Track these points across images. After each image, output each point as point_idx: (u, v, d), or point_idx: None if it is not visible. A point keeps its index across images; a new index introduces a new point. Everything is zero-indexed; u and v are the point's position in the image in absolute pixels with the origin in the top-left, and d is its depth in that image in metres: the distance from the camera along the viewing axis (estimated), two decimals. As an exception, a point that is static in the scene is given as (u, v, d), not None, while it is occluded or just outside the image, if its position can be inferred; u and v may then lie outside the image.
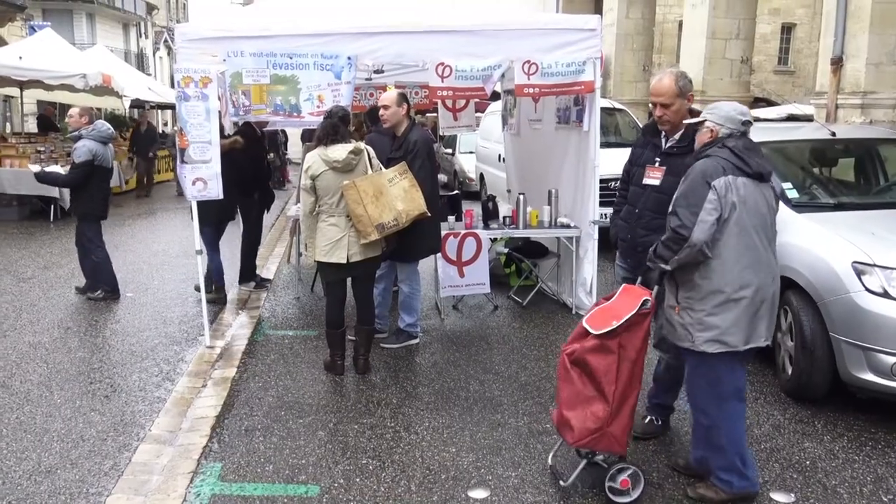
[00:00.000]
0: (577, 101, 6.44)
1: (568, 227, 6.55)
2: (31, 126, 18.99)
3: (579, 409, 3.42)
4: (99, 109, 17.42)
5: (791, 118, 8.53)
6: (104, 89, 12.97)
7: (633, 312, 3.35)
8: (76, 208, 7.20)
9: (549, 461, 3.82)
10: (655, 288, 3.49)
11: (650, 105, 4.03)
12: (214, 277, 6.91)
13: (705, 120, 3.47)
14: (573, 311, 6.62)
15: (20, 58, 12.52)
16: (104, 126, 7.09)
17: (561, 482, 3.66)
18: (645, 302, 3.38)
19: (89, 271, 7.19)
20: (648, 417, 4.24)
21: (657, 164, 3.98)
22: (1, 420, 4.39)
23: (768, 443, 4.17)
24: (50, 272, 8.10)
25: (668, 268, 3.37)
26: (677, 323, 3.46)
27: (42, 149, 12.30)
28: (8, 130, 19.93)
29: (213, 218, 6.45)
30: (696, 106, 4.07)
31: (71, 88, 12.63)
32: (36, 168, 7.56)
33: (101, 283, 7.13)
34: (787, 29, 27.28)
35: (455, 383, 5.04)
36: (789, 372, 4.73)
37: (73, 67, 12.24)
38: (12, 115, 21.74)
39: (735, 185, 3.26)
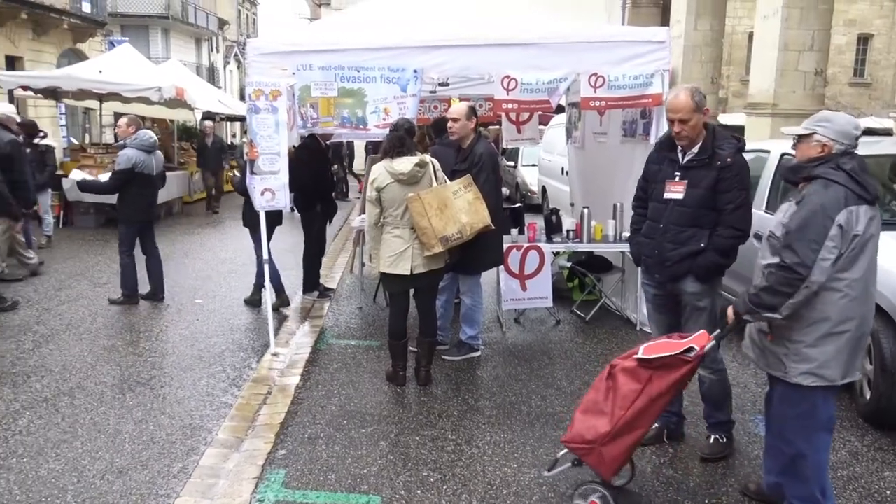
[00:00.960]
0: (643, 114, 6.35)
1: (633, 241, 6.44)
2: (109, 137, 19.75)
3: (588, 416, 3.39)
4: (172, 121, 17.97)
5: (869, 132, 8.21)
6: (177, 102, 13.39)
7: (671, 353, 3.26)
8: (119, 212, 7.46)
9: (558, 454, 3.72)
10: (713, 342, 3.33)
11: (667, 121, 4.03)
12: (260, 282, 7.05)
13: (813, 133, 3.21)
14: (637, 328, 6.50)
15: (100, 72, 13.06)
16: (146, 135, 7.27)
17: (544, 471, 3.73)
18: (690, 349, 3.26)
19: (155, 277, 7.49)
20: (713, 436, 4.17)
21: (677, 178, 3.95)
22: (77, 420, 4.55)
23: (845, 470, 4.00)
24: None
25: (779, 317, 3.13)
26: (769, 350, 3.30)
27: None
28: (87, 141, 20.80)
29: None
30: (768, 120, 4.00)
31: (146, 101, 13.08)
32: (79, 177, 7.75)
33: (122, 285, 7.34)
34: (864, 40, 26.40)
35: (517, 398, 5.00)
36: (867, 396, 4.54)
37: (148, 81, 12.68)
38: (91, 126, 22.67)
39: (857, 217, 3.02)
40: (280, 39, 6.04)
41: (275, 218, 6.89)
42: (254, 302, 7.30)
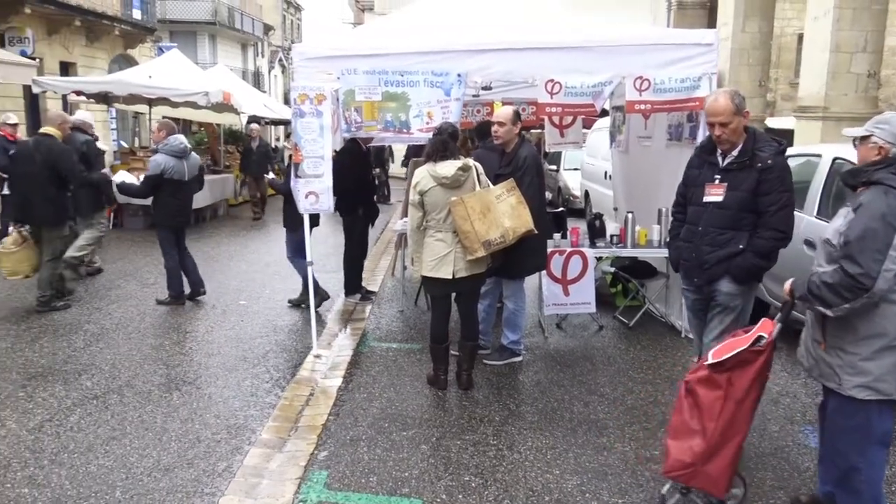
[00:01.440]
0: (690, 118, 6.25)
1: (678, 247, 6.34)
2: (157, 141, 20.18)
3: (681, 440, 3.29)
4: (219, 125, 18.29)
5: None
6: (224, 106, 13.63)
7: (743, 347, 3.17)
8: (154, 217, 7.67)
9: (664, 490, 3.66)
10: (778, 325, 3.26)
11: (707, 125, 4.00)
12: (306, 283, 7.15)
13: (871, 135, 3.11)
14: (682, 335, 6.40)
15: (150, 77, 13.35)
16: (176, 141, 7.34)
17: None
18: (759, 339, 3.18)
19: (192, 274, 7.67)
20: None
21: (717, 181, 3.93)
22: (125, 418, 4.65)
23: (900, 484, 3.87)
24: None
25: (830, 313, 3.05)
26: (822, 360, 3.21)
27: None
28: (136, 144, 21.29)
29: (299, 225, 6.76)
30: (818, 123, 3.95)
31: (194, 105, 13.35)
32: (119, 179, 8.00)
33: (169, 287, 7.50)
34: (919, 41, 25.57)
35: (559, 403, 4.96)
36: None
37: (196, 86, 12.93)
38: (140, 130, 23.21)
39: None
40: (325, 44, 6.11)
41: (312, 219, 6.96)
42: (298, 303, 7.38)
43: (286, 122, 21.15)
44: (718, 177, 3.95)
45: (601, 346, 6.28)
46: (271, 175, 7.56)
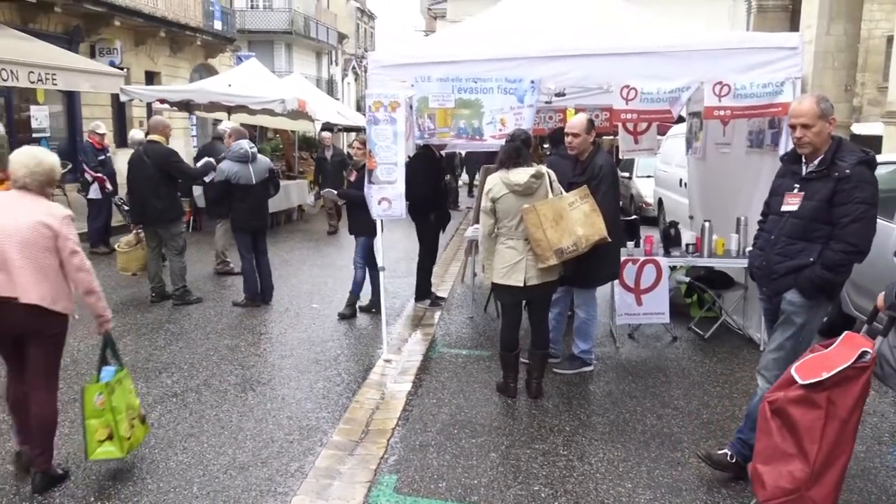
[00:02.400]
0: (771, 124, 6.05)
1: (758, 257, 6.14)
2: (235, 147, 20.80)
3: (774, 464, 3.12)
4: (294, 131, 18.70)
5: None
6: (299, 113, 13.93)
7: (847, 364, 3.00)
8: (231, 221, 7.93)
9: None
10: (879, 339, 3.11)
11: (789, 127, 3.87)
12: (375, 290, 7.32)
13: None
14: (761, 348, 6.17)
15: (229, 85, 13.77)
16: (238, 147, 7.60)
17: None
18: (863, 354, 3.01)
19: (264, 280, 7.85)
20: (726, 451, 4.00)
21: (796, 191, 3.81)
22: (203, 416, 4.79)
23: None
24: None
25: None
26: None
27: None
28: (215, 151, 21.97)
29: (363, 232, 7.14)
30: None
31: (271, 113, 13.68)
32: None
33: (244, 289, 7.74)
34: None
35: (631, 415, 4.86)
36: None
37: (273, 93, 13.25)
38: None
39: None
40: (400, 52, 6.17)
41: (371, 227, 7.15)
42: (367, 308, 7.46)
43: (358, 129, 21.49)
44: (797, 186, 3.82)
45: (675, 357, 6.13)
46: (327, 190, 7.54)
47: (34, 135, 15.73)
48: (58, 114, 16.35)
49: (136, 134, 10.29)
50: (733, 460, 3.95)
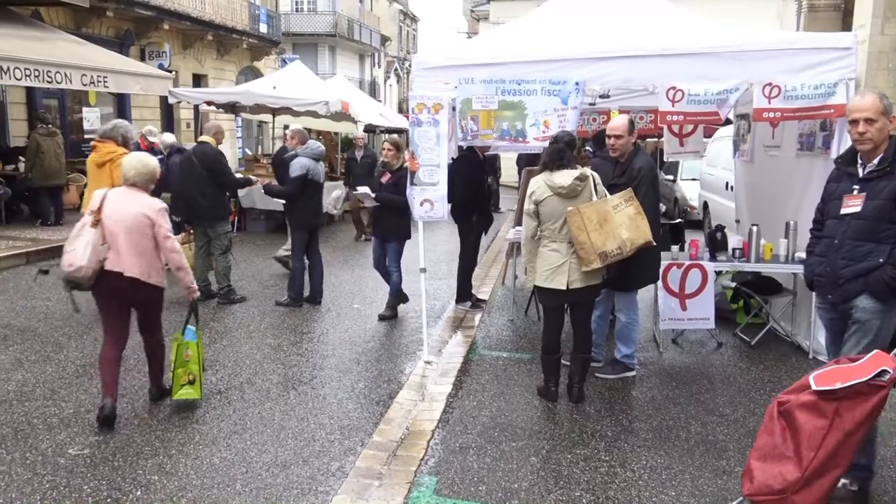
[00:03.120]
0: (823, 126, 5.90)
1: (807, 262, 5.99)
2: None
3: (769, 463, 3.10)
4: (336, 133, 18.87)
5: None
6: (342, 115, 14.06)
7: (862, 380, 2.94)
8: (289, 220, 7.98)
9: None
10: None
11: (850, 123, 3.74)
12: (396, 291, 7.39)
13: None
14: (810, 356, 6.04)
15: (274, 87, 13.96)
16: (316, 144, 7.84)
17: None
18: (882, 373, 2.92)
19: (315, 282, 7.89)
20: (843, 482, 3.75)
21: (855, 192, 3.70)
22: (246, 414, 4.85)
23: None
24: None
25: None
26: None
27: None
28: (259, 152, 22.31)
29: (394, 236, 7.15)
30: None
31: (314, 114, 13.84)
32: (264, 181, 8.56)
33: (288, 289, 7.78)
34: None
35: (674, 422, 4.78)
36: None
37: (317, 95, 13.40)
38: (264, 138, 24.32)
39: None
40: (443, 54, 6.18)
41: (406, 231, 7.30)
42: (388, 316, 7.40)
43: (400, 131, 21.60)
44: (857, 187, 3.72)
45: (720, 364, 6.01)
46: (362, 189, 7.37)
47: (86, 136, 16.17)
48: (108, 115, 16.77)
49: (167, 137, 10.49)
50: (853, 488, 3.74)
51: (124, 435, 4.45)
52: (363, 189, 7.32)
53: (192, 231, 8.22)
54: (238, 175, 9.24)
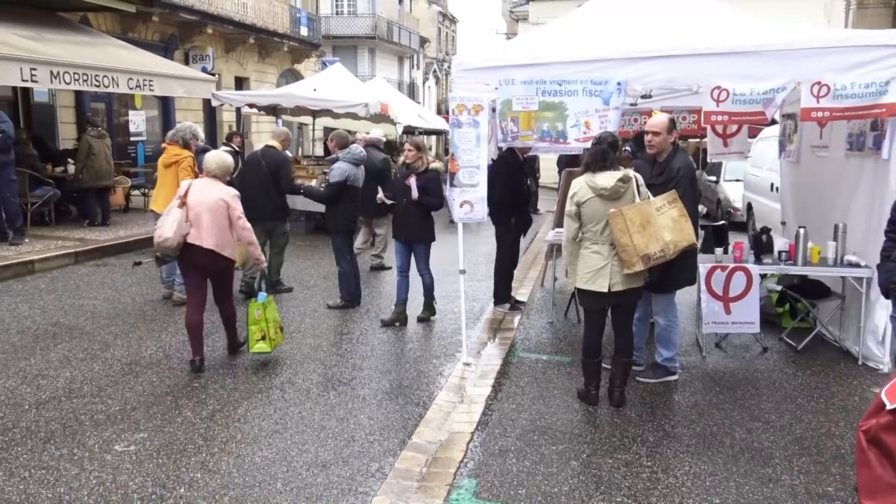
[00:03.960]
0: (874, 126, 5.74)
1: (857, 266, 5.84)
2: (319, 150, 21.29)
3: (881, 498, 2.91)
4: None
5: None
6: (381, 117, 14.12)
7: None
8: (329, 223, 8.04)
9: None
10: None
11: None
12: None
13: None
14: (859, 362, 5.88)
15: (315, 90, 14.10)
16: (357, 149, 7.83)
17: None
18: None
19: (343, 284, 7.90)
20: None
21: None
22: (287, 413, 4.89)
23: None
24: (329, 281, 8.90)
25: None
26: None
27: (327, 171, 13.69)
28: (300, 154, 22.54)
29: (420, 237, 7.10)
30: None
31: (354, 116, 13.94)
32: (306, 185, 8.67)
33: (342, 291, 7.81)
34: None
35: (718, 427, 4.70)
36: None
37: (356, 97, 13.51)
38: (304, 140, 24.58)
39: None
40: (484, 55, 6.16)
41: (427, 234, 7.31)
42: (424, 318, 7.36)
43: (438, 132, 21.63)
44: None
45: (765, 369, 5.89)
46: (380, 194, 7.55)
47: (132, 138, 16.52)
48: (153, 118, 17.11)
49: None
50: None
51: (168, 433, 4.52)
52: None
53: None
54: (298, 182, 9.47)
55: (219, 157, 5.83)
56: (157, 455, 4.21)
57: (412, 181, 6.98)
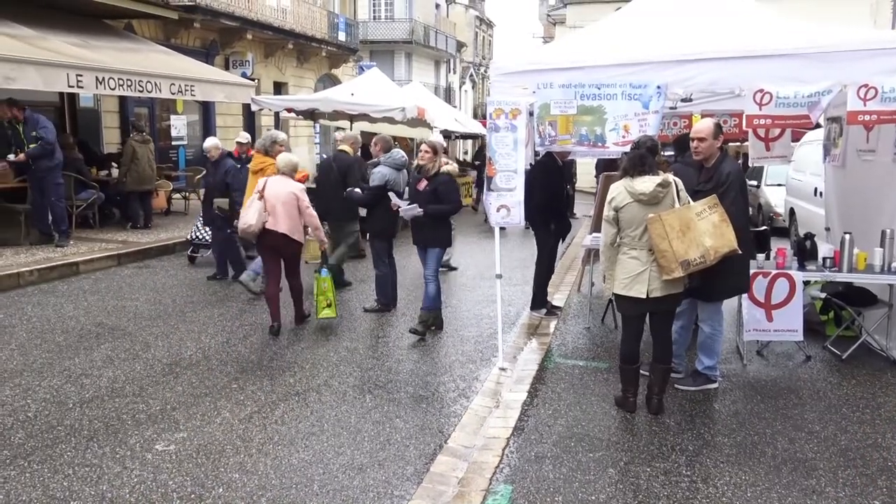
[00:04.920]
0: (924, 130, 5.59)
1: (905, 273, 5.69)
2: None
3: None
4: (412, 139, 19.04)
5: None
6: (418, 121, 14.14)
7: None
8: (369, 227, 8.06)
9: None
10: None
11: None
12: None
13: None
14: (908, 372, 5.72)
15: (352, 94, 14.19)
16: (398, 154, 7.91)
17: None
18: None
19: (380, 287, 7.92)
20: None
21: None
22: (323, 416, 4.92)
23: None
24: (366, 285, 8.95)
25: None
26: None
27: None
28: (337, 158, 22.68)
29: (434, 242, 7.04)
30: None
31: (391, 121, 13.98)
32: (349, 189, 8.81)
33: (379, 294, 7.83)
34: None
35: (759, 437, 4.60)
36: None
37: (393, 102, 13.55)
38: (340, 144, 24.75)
39: None
40: (522, 59, 6.12)
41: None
42: (419, 331, 6.89)
43: (475, 136, 21.62)
44: None
45: (809, 378, 5.75)
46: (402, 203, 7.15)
47: (173, 142, 16.83)
48: (194, 122, 17.40)
49: (209, 142, 10.58)
50: None
51: (207, 433, 4.58)
52: (401, 203, 7.03)
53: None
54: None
55: (287, 157, 7.03)
56: (196, 455, 4.27)
57: (421, 186, 6.81)
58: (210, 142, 9.33)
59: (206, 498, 3.79)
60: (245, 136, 9.98)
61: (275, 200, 6.64)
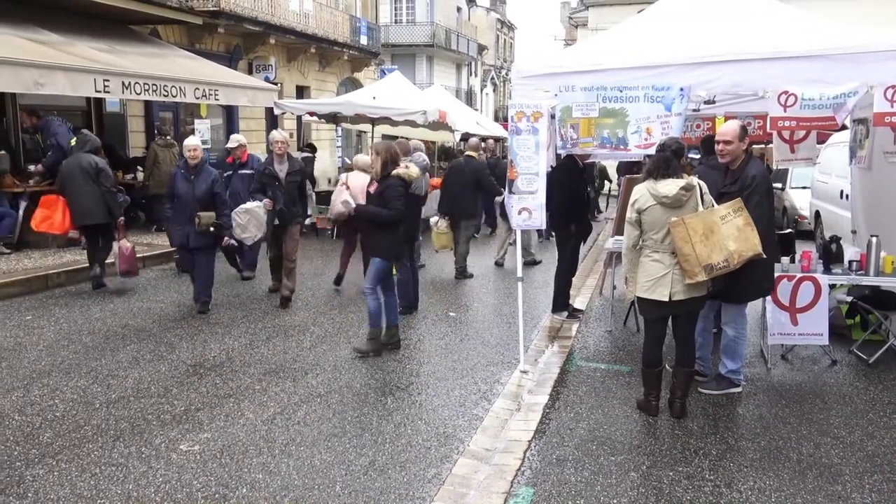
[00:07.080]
0: (952, 131, 5.51)
1: (933, 277, 5.60)
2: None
3: None
4: (433, 142, 19.07)
5: None
6: (439, 124, 14.18)
7: None
8: None
9: None
10: None
11: None
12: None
13: None
14: (936, 377, 5.63)
15: (374, 98, 14.26)
16: (420, 157, 8.15)
17: None
18: None
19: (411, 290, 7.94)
20: None
21: None
22: (345, 417, 4.94)
23: None
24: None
25: None
26: None
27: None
28: (358, 161, 22.78)
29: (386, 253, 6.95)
30: None
31: (412, 124, 14.03)
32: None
33: (400, 297, 7.75)
34: None
35: (784, 442, 4.56)
36: None
37: (415, 105, 13.60)
38: (363, 147, 24.86)
39: None
40: (543, 61, 6.12)
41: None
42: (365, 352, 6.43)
43: (496, 139, 21.61)
44: None
45: (834, 382, 5.69)
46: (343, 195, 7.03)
47: (197, 146, 16.93)
48: (218, 126, 17.56)
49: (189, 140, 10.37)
50: None
51: (231, 434, 4.62)
52: (345, 200, 6.70)
53: (448, 221, 9.91)
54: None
55: (363, 157, 8.37)
56: (220, 455, 4.31)
57: (371, 188, 6.41)
58: (190, 141, 7.91)
59: (230, 498, 3.83)
60: (236, 140, 9.38)
61: (356, 190, 7.38)
